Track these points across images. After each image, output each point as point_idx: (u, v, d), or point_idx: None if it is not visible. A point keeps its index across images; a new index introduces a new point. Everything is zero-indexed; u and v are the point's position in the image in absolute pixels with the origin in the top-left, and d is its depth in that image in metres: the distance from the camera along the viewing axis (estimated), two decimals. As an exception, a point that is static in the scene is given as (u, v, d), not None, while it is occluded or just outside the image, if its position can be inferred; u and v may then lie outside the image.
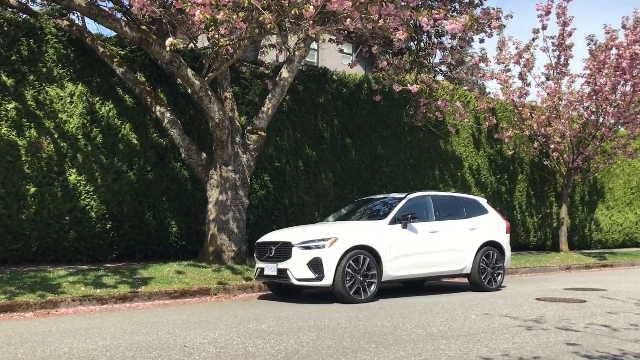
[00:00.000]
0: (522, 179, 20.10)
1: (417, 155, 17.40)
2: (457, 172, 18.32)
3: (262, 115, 11.71)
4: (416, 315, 7.50)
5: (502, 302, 8.98)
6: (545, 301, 9.04)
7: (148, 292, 9.40)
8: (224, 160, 11.27)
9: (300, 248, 8.85)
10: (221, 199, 11.29)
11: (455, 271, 10.27)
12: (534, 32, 16.87)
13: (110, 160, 12.20)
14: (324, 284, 8.72)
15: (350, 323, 6.90)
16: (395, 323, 6.90)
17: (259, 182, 14.22)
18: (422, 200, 10.34)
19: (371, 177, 16.36)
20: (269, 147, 14.42)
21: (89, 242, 12.09)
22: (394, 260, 9.36)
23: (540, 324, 6.91)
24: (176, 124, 11.42)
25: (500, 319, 7.31)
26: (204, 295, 9.84)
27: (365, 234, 9.14)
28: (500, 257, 10.77)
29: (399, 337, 6.04)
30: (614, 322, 7.11)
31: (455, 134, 18.23)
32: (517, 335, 6.24)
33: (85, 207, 11.91)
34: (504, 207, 19.48)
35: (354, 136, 16.14)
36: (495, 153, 19.32)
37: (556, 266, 15.78)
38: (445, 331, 6.41)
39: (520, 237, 20.06)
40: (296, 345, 5.58)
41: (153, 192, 12.72)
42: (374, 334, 6.20)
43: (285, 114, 14.88)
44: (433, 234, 9.94)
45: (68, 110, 11.92)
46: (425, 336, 6.10)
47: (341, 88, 16.09)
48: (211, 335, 6.12)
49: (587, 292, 10.28)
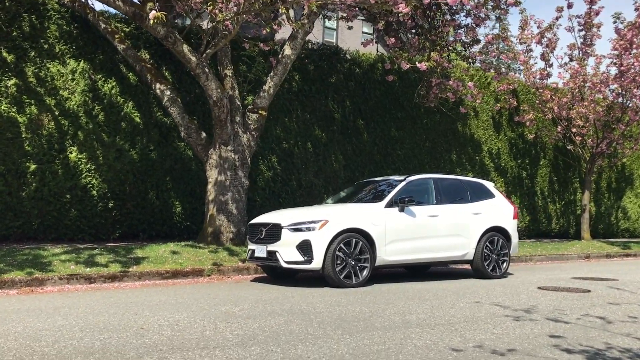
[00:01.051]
0: (544, 164, 19.44)
1: (433, 138, 16.91)
2: (475, 156, 17.78)
3: (264, 94, 11.41)
4: (401, 302, 7.16)
5: (500, 289, 8.56)
6: (546, 290, 8.60)
7: (139, 272, 9.25)
8: (223, 139, 11.02)
9: (290, 230, 8.56)
10: (220, 180, 11.06)
11: (457, 257, 9.87)
12: (557, 10, 16.17)
13: (112, 139, 12.06)
14: (312, 267, 8.43)
15: (327, 308, 6.60)
16: (374, 309, 6.58)
17: (265, 163, 13.96)
18: (422, 183, 9.93)
19: (384, 160, 15.95)
20: (277, 128, 14.14)
21: (91, 221, 12.00)
22: (389, 245, 9.00)
23: (530, 314, 6.51)
24: (176, 102, 11.19)
25: (490, 307, 6.92)
26: (197, 277, 9.65)
27: (358, 217, 8.79)
28: (505, 244, 10.32)
29: (371, 324, 5.72)
30: (611, 314, 6.67)
31: (474, 116, 17.67)
32: (500, 325, 5.86)
33: (87, 186, 11.81)
34: (525, 192, 18.89)
35: (367, 118, 15.73)
36: (516, 137, 18.69)
37: (574, 254, 15.20)
38: (424, 319, 6.06)
39: (542, 224, 19.45)
40: (257, 330, 5.31)
41: (156, 171, 12.56)
42: (346, 320, 5.89)
43: (295, 94, 14.55)
44: (433, 218, 9.54)
45: (69, 87, 11.80)
46: (400, 324, 5.77)
47: (354, 68, 15.67)
48: (176, 317, 5.89)
49: (595, 282, 9.79)
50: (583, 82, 16.37)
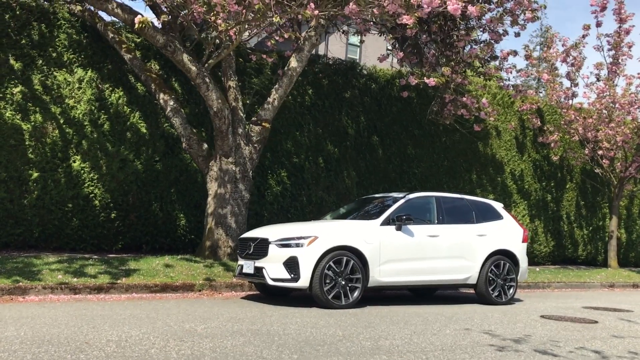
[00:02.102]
0: (571, 187, 18.67)
1: (452, 157, 16.39)
2: (497, 177, 17.17)
3: (268, 106, 11.15)
4: (383, 326, 6.72)
5: (499, 317, 8.03)
6: (549, 319, 8.03)
7: (126, 285, 9.01)
8: (224, 151, 10.78)
9: (278, 246, 8.21)
10: (220, 192, 10.81)
11: (459, 281, 9.36)
12: (584, 28, 15.58)
13: (116, 149, 11.94)
14: (299, 285, 8.05)
15: (299, 329, 6.21)
16: (350, 333, 6.16)
17: (275, 177, 13.68)
18: (423, 201, 9.49)
19: (399, 178, 15.50)
20: (288, 142, 13.87)
21: (93, 231, 11.86)
22: (384, 265, 8.56)
23: (518, 345, 6.01)
24: (179, 113, 11.02)
25: (478, 335, 6.43)
26: (187, 291, 9.36)
27: (350, 234, 8.39)
28: (513, 268, 9.77)
29: (336, 349, 5.31)
30: (610, 349, 6.11)
31: (496, 136, 17.11)
32: (479, 355, 5.38)
33: (89, 195, 11.69)
34: (549, 217, 18.16)
35: (382, 134, 15.33)
36: (541, 158, 18.01)
37: (597, 283, 14.46)
38: (398, 345, 5.62)
39: (568, 249, 18.65)
40: (207, 351, 4.96)
41: (161, 182, 12.38)
42: (311, 343, 5.50)
43: (307, 108, 14.27)
44: (433, 238, 9.07)
45: (76, 96, 11.75)
46: (368, 350, 5.35)
47: (370, 83, 15.33)
48: (132, 333, 5.58)
49: (607, 312, 9.15)
50: (612, 102, 15.68)
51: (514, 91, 13.52)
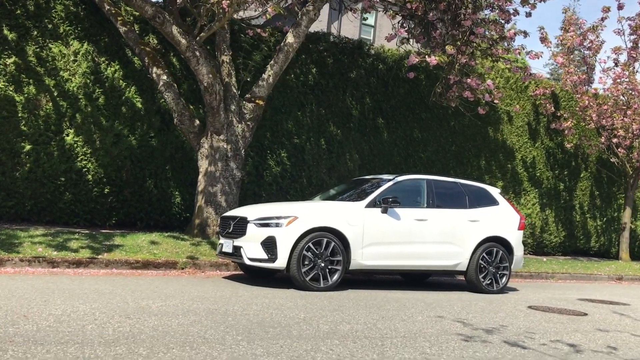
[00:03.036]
0: (585, 176, 18.10)
1: (460, 142, 15.96)
2: (507, 163, 16.69)
3: (262, 83, 10.85)
4: (352, 310, 6.44)
5: (483, 306, 7.69)
6: (535, 310, 7.67)
7: (106, 260, 8.85)
8: (215, 128, 10.53)
9: (256, 225, 7.96)
10: (210, 170, 10.58)
11: (447, 267, 9.02)
12: (604, 10, 14.95)
13: (110, 123, 11.77)
14: (276, 266, 7.79)
15: (260, 311, 5.95)
16: (312, 315, 5.89)
17: (274, 157, 13.41)
18: (413, 184, 9.14)
19: (404, 162, 15.13)
20: (289, 122, 13.58)
21: (86, 206, 11.74)
22: (367, 248, 8.26)
23: (489, 335, 5.68)
24: (171, 88, 10.79)
25: (450, 324, 6.11)
26: (169, 269, 9.18)
27: (332, 216, 8.10)
28: (506, 256, 9.39)
29: (288, 332, 5.05)
30: (588, 342, 5.75)
31: (507, 121, 16.60)
32: (441, 344, 5.07)
33: (82, 169, 11.56)
34: (561, 206, 17.63)
35: (388, 116, 14.95)
36: (555, 146, 17.46)
37: (605, 275, 13.97)
38: (358, 330, 5.33)
39: (580, 240, 18.13)
40: (147, 329, 4.73)
41: (156, 159, 12.20)
42: (265, 325, 5.24)
43: (310, 88, 13.95)
44: (420, 222, 8.73)
45: (70, 68, 11.58)
46: (323, 334, 5.07)
47: (377, 63, 14.93)
48: (79, 308, 5.38)
49: (602, 305, 8.74)
50: (631, 89, 15.06)
51: (523, 74, 12.98)
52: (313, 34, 14.27)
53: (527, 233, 16.94)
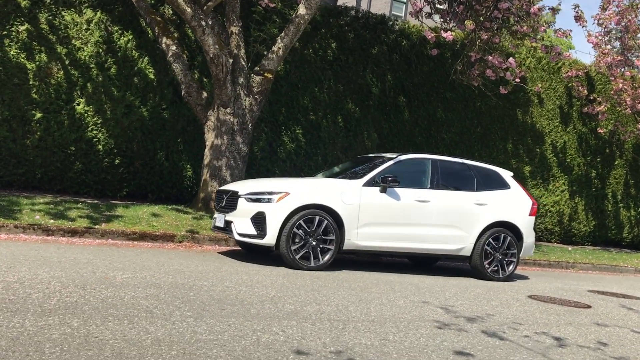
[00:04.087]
0: (620, 164, 17.29)
1: (486, 123, 15.38)
2: (535, 148, 16.04)
3: (272, 55, 10.55)
4: (331, 292, 6.15)
5: (479, 293, 7.31)
6: (535, 300, 7.25)
7: (102, 230, 8.76)
8: (222, 101, 10.30)
9: (247, 200, 7.72)
10: (216, 143, 10.39)
11: (450, 251, 8.62)
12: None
13: (122, 94, 11.66)
14: (265, 242, 7.55)
15: (229, 288, 5.72)
16: (283, 295, 5.63)
17: (289, 134, 13.13)
18: (416, 163, 8.74)
19: (426, 142, 14.66)
20: (305, 98, 13.26)
21: (97, 176, 11.70)
22: (363, 228, 7.94)
23: (469, 324, 5.33)
24: (180, 58, 10.60)
25: (431, 310, 5.77)
26: (166, 242, 9.04)
27: (326, 193, 7.79)
28: (515, 243, 8.93)
29: (247, 310, 4.80)
30: (578, 336, 5.35)
31: (537, 104, 15.92)
32: (409, 331, 4.76)
33: (92, 139, 11.50)
34: (592, 194, 16.90)
35: (410, 95, 14.48)
36: (588, 131, 16.69)
37: (632, 268, 13.32)
38: (325, 312, 5.06)
39: (611, 230, 17.38)
40: (95, 300, 4.55)
41: (167, 131, 12.06)
42: (225, 302, 5.00)
43: (329, 63, 13.58)
44: (422, 203, 8.35)
45: (83, 37, 11.49)
46: (285, 314, 4.81)
47: (401, 40, 14.43)
48: (39, 276, 5.24)
49: (611, 298, 8.24)
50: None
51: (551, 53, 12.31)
52: (334, 8, 13.89)
53: (555, 221, 16.34)
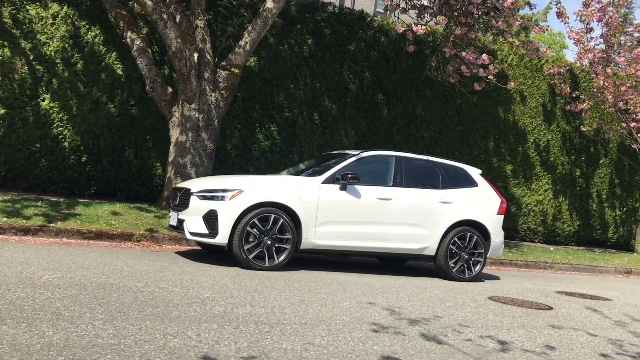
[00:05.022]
0: (605, 163, 17.04)
1: (467, 121, 15.13)
2: (517, 146, 15.79)
3: (239, 50, 10.30)
4: (275, 292, 5.89)
5: (436, 294, 7.05)
6: (494, 301, 7.00)
7: (57, 229, 8.49)
8: (187, 96, 10.05)
9: (199, 198, 7.46)
10: (181, 140, 10.13)
11: (413, 251, 8.36)
12: (627, -16, 13.85)
13: (88, 89, 11.40)
14: (217, 242, 7.29)
15: (161, 289, 5.46)
16: (217, 296, 5.37)
17: (263, 131, 12.87)
18: (379, 160, 8.49)
19: (404, 140, 14.41)
20: (280, 95, 13.00)
21: (63, 174, 11.44)
22: (322, 226, 7.69)
23: (411, 327, 5.07)
24: (145, 53, 10.34)
25: (375, 311, 5.52)
26: (124, 241, 8.77)
27: (282, 191, 7.53)
28: (481, 242, 8.67)
29: (169, 312, 4.55)
30: (526, 340, 5.09)
31: (520, 101, 15.67)
32: (340, 334, 4.50)
33: (58, 136, 11.24)
34: (576, 194, 16.66)
35: (389, 92, 14.22)
36: (572, 130, 16.45)
37: (612, 268, 13.06)
38: (257, 315, 4.80)
39: (596, 230, 17.14)
40: (3, 301, 4.29)
41: (136, 128, 11.80)
42: (148, 304, 4.75)
43: (304, 59, 13.32)
44: (384, 201, 8.09)
45: (48, 32, 11.23)
46: (209, 316, 4.56)
47: (379, 36, 14.18)
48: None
49: (577, 299, 7.98)
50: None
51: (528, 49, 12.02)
52: (311, 3, 13.63)
53: (538, 221, 16.09)
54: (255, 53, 12.74)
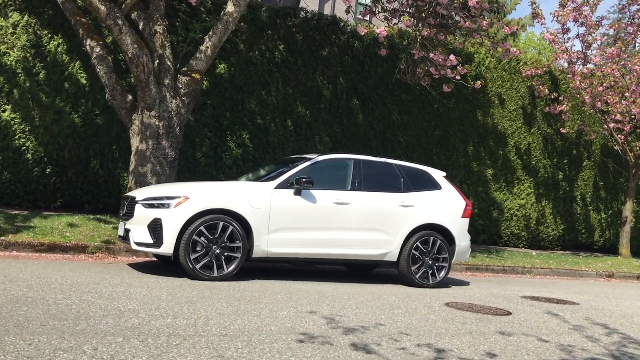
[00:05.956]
0: (588, 165, 16.76)
1: (444, 126, 14.88)
2: (498, 150, 15.53)
3: (200, 55, 10.06)
4: (210, 302, 5.62)
5: (389, 301, 6.77)
6: (450, 307, 6.71)
7: (7, 242, 8.23)
8: (146, 103, 9.81)
9: (144, 206, 7.19)
10: (141, 148, 9.88)
11: (373, 257, 8.07)
12: (602, -17, 13.62)
13: (51, 99, 11.17)
14: (162, 251, 7.02)
15: (83, 301, 5.18)
16: (141, 308, 5.10)
17: (234, 139, 12.63)
18: (337, 164, 8.23)
19: (381, 146, 14.15)
20: (251, 101, 12.77)
21: (27, 186, 11.19)
22: (275, 233, 7.41)
23: (344, 336, 4.79)
24: (104, 61, 10.11)
25: (312, 321, 5.23)
26: (78, 253, 8.51)
27: (231, 197, 7.26)
28: (445, 246, 8.38)
29: (75, 326, 4.29)
30: (466, 347, 4.81)
31: (498, 104, 15.43)
32: (260, 345, 4.22)
33: (20, 148, 11.00)
34: (560, 197, 16.38)
35: (364, 98, 13.99)
36: (553, 132, 16.18)
37: (594, 272, 12.75)
38: (175, 327, 4.52)
39: (581, 234, 16.84)
40: None
41: (101, 138, 11.55)
42: (57, 317, 4.48)
43: (276, 65, 13.10)
44: (341, 206, 7.82)
45: (8, 41, 11.02)
46: (119, 329, 4.29)
47: (353, 41, 13.96)
48: None
49: (542, 304, 7.69)
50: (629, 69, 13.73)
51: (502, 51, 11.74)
52: (282, 9, 13.43)
53: (521, 225, 15.81)
54: (225, 59, 12.54)
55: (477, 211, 15.09)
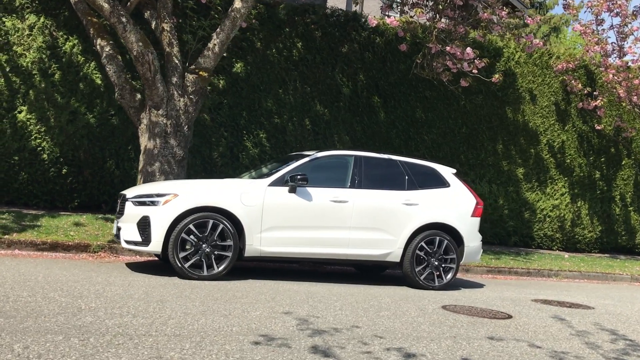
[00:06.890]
0: (628, 164, 15.93)
1: (472, 123, 14.36)
2: (529, 148, 14.90)
3: (208, 52, 9.93)
4: (190, 302, 5.41)
5: (385, 301, 6.43)
6: (447, 311, 6.32)
7: (9, 240, 8.24)
8: (154, 102, 9.72)
9: (134, 204, 7.05)
10: (149, 147, 9.79)
11: (374, 257, 7.72)
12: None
13: (66, 100, 11.23)
14: (150, 250, 6.87)
15: (50, 299, 5.04)
16: (105, 306, 4.92)
17: (251, 139, 12.47)
18: (336, 161, 7.92)
19: (405, 145, 13.75)
20: (268, 100, 12.59)
21: (44, 187, 11.27)
22: (268, 232, 7.16)
23: (309, 338, 4.51)
24: (114, 60, 10.08)
25: (282, 322, 4.97)
26: (80, 252, 8.46)
27: (222, 194, 7.05)
28: (453, 247, 7.96)
29: (19, 324, 4.14)
30: (441, 353, 4.45)
31: (529, 100, 14.80)
32: (208, 346, 3.98)
33: (36, 148, 11.09)
34: (597, 197, 15.60)
35: (385, 95, 13.62)
36: (589, 129, 15.43)
37: (627, 276, 12.05)
38: (134, 327, 4.33)
39: (621, 236, 16.01)
40: None
41: (117, 138, 11.56)
42: (7, 315, 4.33)
43: (294, 64, 12.88)
44: (339, 204, 7.51)
45: (25, 43, 11.14)
46: (71, 327, 4.12)
47: (374, 37, 13.60)
48: None
49: (551, 308, 7.20)
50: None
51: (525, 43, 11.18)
52: (300, 6, 13.21)
53: (555, 227, 15.13)
54: (241, 58, 12.41)
55: (507, 212, 14.53)
